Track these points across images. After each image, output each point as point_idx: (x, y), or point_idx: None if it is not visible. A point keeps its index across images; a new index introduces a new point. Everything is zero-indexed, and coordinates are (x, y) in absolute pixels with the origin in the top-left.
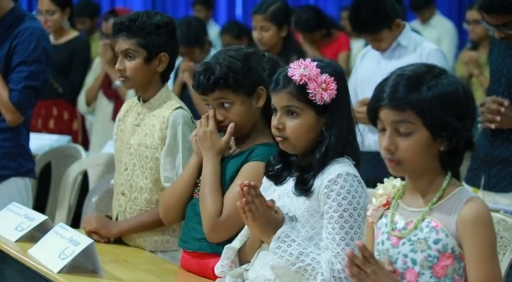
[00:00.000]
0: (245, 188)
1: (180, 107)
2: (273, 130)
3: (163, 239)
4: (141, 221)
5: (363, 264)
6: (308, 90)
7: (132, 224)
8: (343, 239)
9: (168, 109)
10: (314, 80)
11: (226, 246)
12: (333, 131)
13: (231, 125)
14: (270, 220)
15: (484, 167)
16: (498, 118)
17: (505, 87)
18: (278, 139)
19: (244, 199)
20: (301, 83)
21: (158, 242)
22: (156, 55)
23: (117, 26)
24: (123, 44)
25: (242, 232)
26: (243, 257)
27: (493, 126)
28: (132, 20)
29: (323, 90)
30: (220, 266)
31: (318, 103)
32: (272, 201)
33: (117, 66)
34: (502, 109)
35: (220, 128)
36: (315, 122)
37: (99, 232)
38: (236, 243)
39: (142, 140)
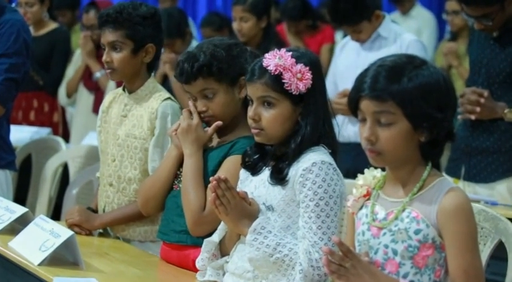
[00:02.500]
0: (214, 183)
1: (169, 98)
2: (249, 121)
3: (153, 229)
4: (124, 213)
5: (341, 260)
6: (283, 80)
7: (114, 216)
8: (320, 227)
9: (156, 100)
10: (289, 69)
11: (206, 240)
12: (308, 120)
13: (218, 122)
14: (244, 212)
15: (464, 158)
16: (478, 109)
17: (485, 78)
18: (254, 131)
19: (213, 194)
20: (276, 73)
21: (148, 232)
22: (143, 46)
23: (104, 18)
24: (110, 36)
25: (220, 226)
26: (223, 250)
27: (472, 117)
28: (118, 12)
29: (298, 80)
30: (201, 259)
31: (294, 93)
32: (245, 192)
33: (104, 58)
34: (482, 100)
35: (203, 119)
36: (291, 112)
37: (82, 225)
38: (215, 237)
39: (130, 130)
